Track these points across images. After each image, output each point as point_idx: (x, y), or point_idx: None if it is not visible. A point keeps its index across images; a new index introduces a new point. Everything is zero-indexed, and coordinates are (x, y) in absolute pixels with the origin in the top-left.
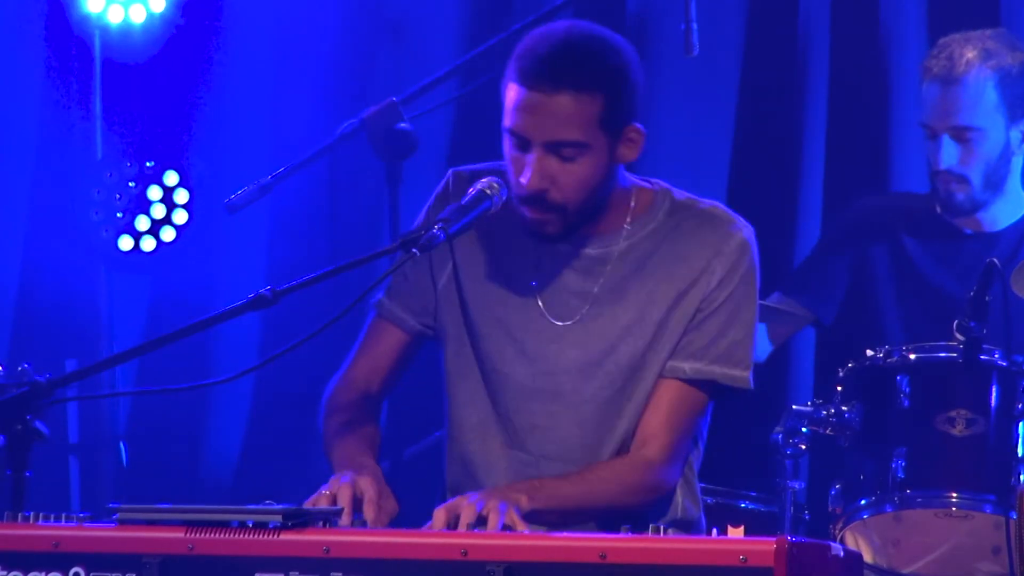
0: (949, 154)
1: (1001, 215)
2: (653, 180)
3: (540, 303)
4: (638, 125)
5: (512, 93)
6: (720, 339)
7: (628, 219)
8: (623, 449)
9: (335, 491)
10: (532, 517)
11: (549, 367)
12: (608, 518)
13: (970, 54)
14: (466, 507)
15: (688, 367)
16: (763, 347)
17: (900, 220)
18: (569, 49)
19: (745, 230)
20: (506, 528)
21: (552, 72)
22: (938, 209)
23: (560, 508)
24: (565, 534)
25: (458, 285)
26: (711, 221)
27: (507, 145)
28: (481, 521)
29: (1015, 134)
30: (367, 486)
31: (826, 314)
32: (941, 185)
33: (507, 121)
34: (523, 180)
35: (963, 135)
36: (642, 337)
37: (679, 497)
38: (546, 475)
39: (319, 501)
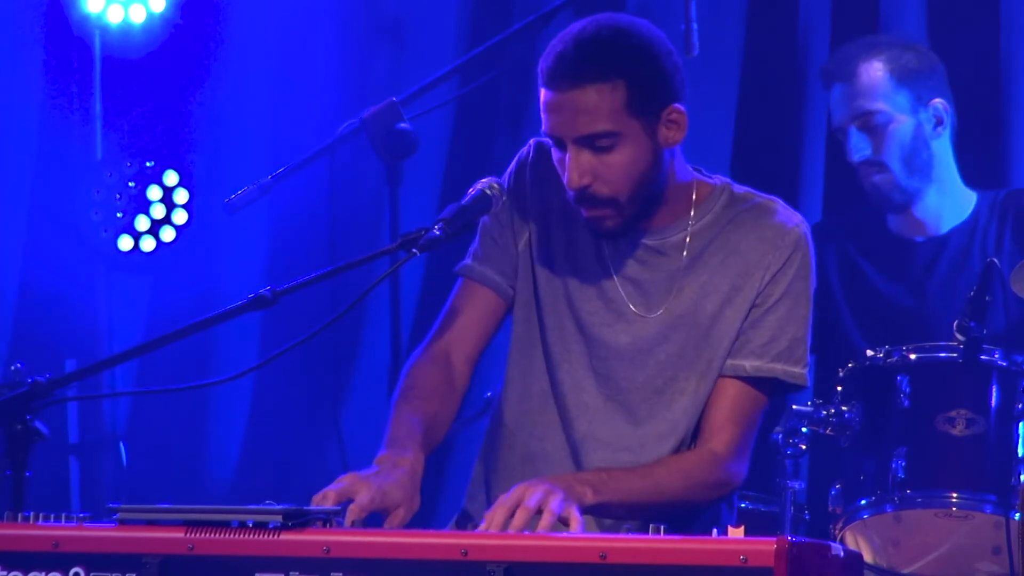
0: (860, 145)
1: (943, 212)
2: (715, 175)
3: (600, 287)
4: (678, 106)
5: (542, 97)
6: (780, 336)
7: (688, 212)
8: (674, 442)
9: (326, 493)
10: (597, 510)
11: (603, 351)
12: (676, 514)
13: (860, 51)
14: (523, 508)
15: (749, 365)
16: None
17: (849, 238)
18: (582, 43)
19: (802, 225)
20: (562, 522)
21: (568, 68)
22: (878, 211)
23: (627, 502)
24: (565, 534)
25: (532, 255)
26: (767, 214)
27: (552, 150)
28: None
29: (925, 116)
30: (362, 491)
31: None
32: (864, 179)
33: (543, 126)
34: (565, 180)
35: (868, 122)
36: (695, 329)
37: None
38: (592, 457)
39: (326, 497)
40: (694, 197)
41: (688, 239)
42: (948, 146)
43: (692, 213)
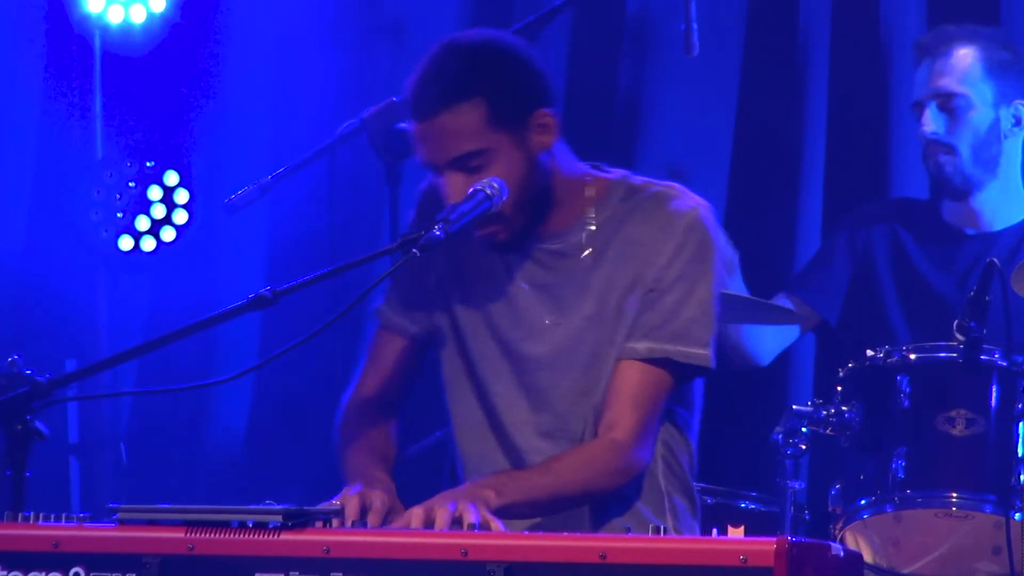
0: (935, 121)
1: (1000, 211)
2: (613, 169)
3: (514, 301)
4: (546, 110)
5: (412, 128)
6: (674, 318)
7: (585, 210)
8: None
9: (343, 502)
10: (505, 512)
11: (526, 364)
12: (581, 505)
13: (957, 34)
14: (441, 512)
15: (642, 347)
16: (770, 348)
17: (901, 223)
18: (435, 68)
19: (698, 208)
20: (482, 527)
21: (424, 98)
22: (934, 203)
23: (531, 500)
24: (565, 534)
25: (445, 288)
26: (660, 202)
27: (435, 179)
28: (456, 521)
29: (1005, 113)
30: (375, 497)
31: (830, 313)
32: (930, 158)
33: (418, 156)
34: (447, 204)
35: (948, 103)
36: (608, 325)
37: (670, 500)
38: None
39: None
40: (589, 195)
41: (588, 237)
42: (1020, 148)
43: (590, 211)
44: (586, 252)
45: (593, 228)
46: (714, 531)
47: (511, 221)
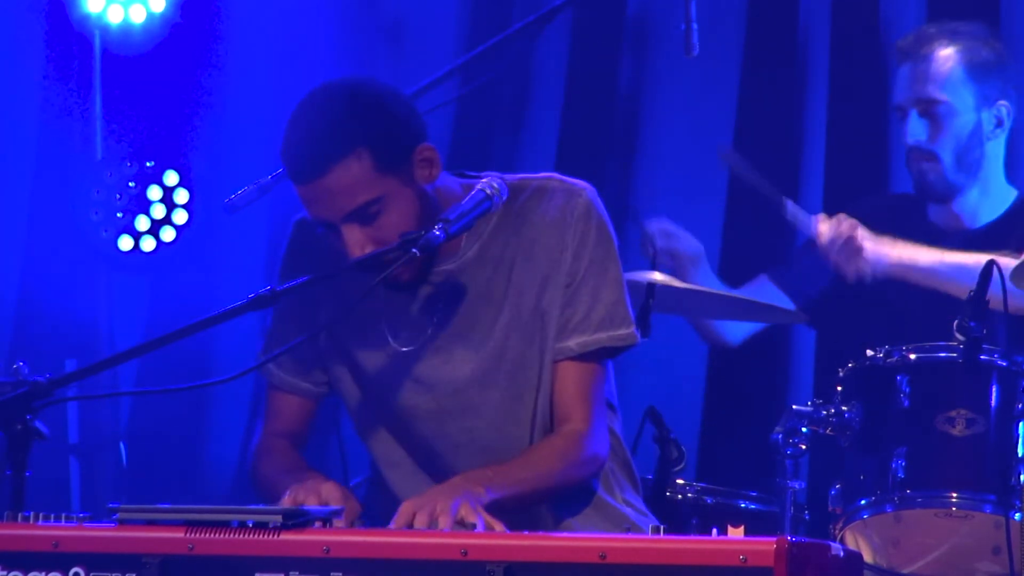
0: (917, 129)
1: (981, 208)
2: (485, 174)
3: (423, 331)
4: (425, 144)
5: (297, 191)
6: (596, 305)
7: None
8: (540, 436)
9: (293, 496)
10: (493, 507)
11: (448, 389)
12: (560, 498)
13: (937, 35)
14: (444, 514)
15: (574, 343)
16: (740, 328)
17: (886, 221)
18: (307, 129)
19: (586, 192)
20: (459, 524)
21: (305, 160)
22: (921, 201)
23: (518, 494)
24: (565, 534)
25: (338, 338)
26: (548, 195)
27: (326, 233)
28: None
29: (987, 116)
30: (330, 490)
31: (806, 304)
32: (912, 164)
33: (309, 216)
34: (351, 256)
35: (930, 109)
36: (526, 329)
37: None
38: None
39: (303, 498)
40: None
41: (481, 247)
42: (1001, 146)
43: (476, 223)
44: (481, 263)
45: (483, 238)
46: (714, 531)
47: (418, 259)
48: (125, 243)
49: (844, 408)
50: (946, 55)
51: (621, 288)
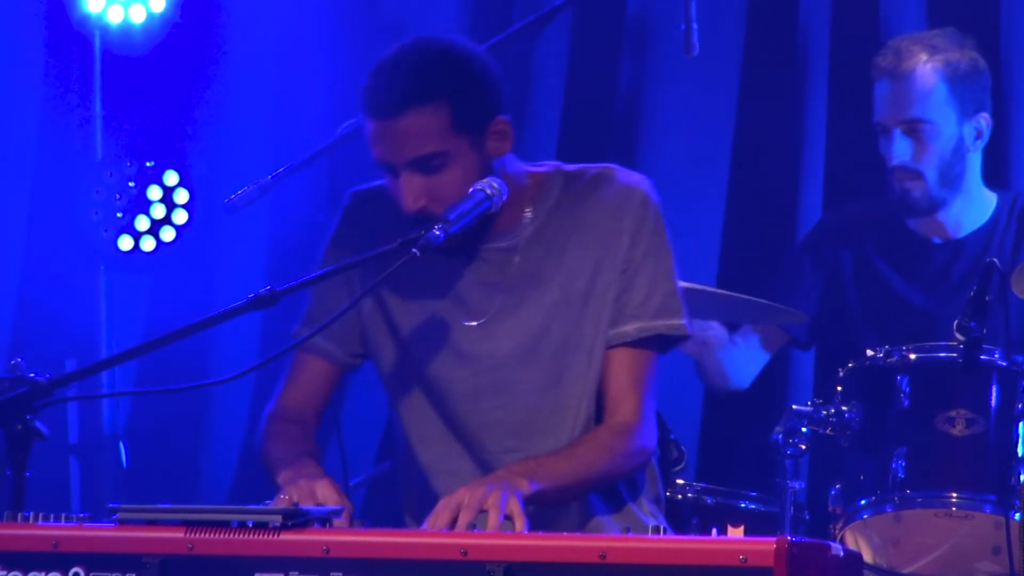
0: (902, 149)
1: (964, 218)
2: (544, 162)
3: (464, 306)
4: (504, 117)
5: (367, 127)
6: (654, 292)
7: (527, 205)
8: (582, 426)
9: (295, 499)
10: (536, 499)
11: (487, 364)
12: (601, 490)
13: (918, 50)
14: (466, 507)
15: (632, 328)
16: (749, 371)
17: (867, 233)
18: (398, 70)
19: (643, 182)
20: (507, 520)
21: (387, 98)
22: (899, 213)
23: (561, 486)
24: (565, 534)
25: (384, 306)
26: (606, 182)
27: (385, 177)
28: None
29: (968, 129)
30: (326, 488)
31: (798, 330)
32: (896, 183)
33: (373, 155)
34: (401, 205)
35: (914, 128)
36: (572, 311)
37: (645, 490)
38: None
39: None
40: (529, 190)
41: (536, 229)
42: (979, 156)
43: (530, 206)
44: (538, 245)
45: (539, 220)
46: (714, 531)
47: (445, 241)
48: (125, 243)
49: (844, 408)
50: (927, 72)
51: (675, 279)
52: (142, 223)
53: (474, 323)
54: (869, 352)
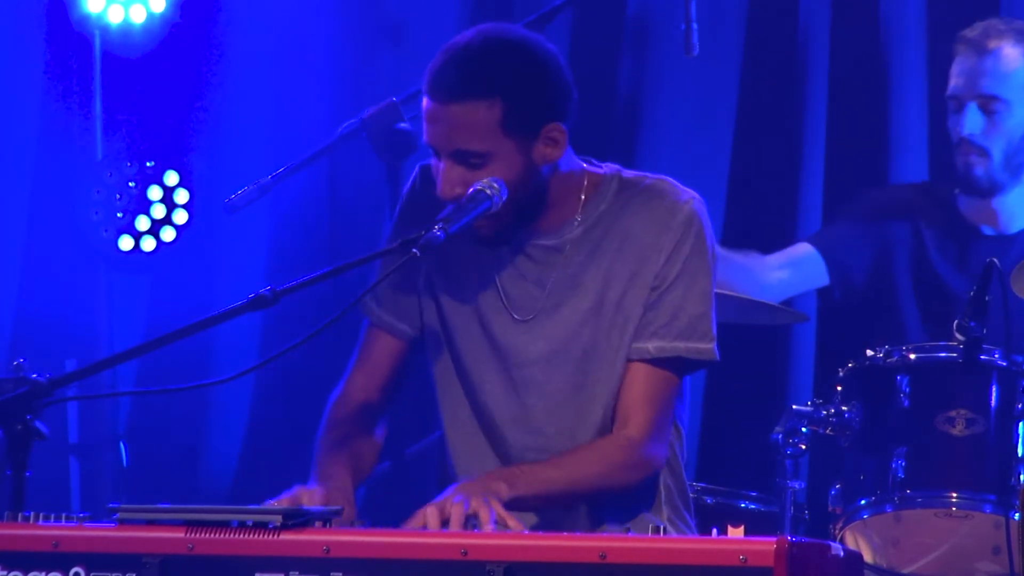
0: (973, 122)
1: (1018, 213)
2: (606, 164)
3: (504, 299)
4: (561, 124)
5: (423, 102)
6: (680, 314)
7: (579, 206)
8: (600, 431)
9: (284, 499)
10: (517, 505)
11: (519, 360)
12: (596, 501)
13: (1006, 32)
14: (455, 508)
15: (652, 346)
16: (819, 276)
17: (923, 217)
18: (464, 56)
19: (693, 202)
20: (498, 523)
21: (445, 81)
22: (956, 191)
23: (544, 493)
24: (565, 534)
25: (433, 286)
26: (656, 196)
27: (431, 158)
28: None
29: None
30: (313, 499)
31: (840, 284)
32: (961, 156)
33: (423, 133)
34: (439, 189)
35: (989, 105)
36: (603, 320)
37: (661, 499)
38: None
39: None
40: (584, 191)
41: (584, 232)
42: None
43: (584, 206)
44: (581, 247)
45: (588, 223)
46: (714, 531)
47: (498, 219)
48: (125, 243)
49: (844, 408)
50: (1012, 53)
51: (709, 302)
52: (142, 223)
53: (514, 318)
54: (869, 352)
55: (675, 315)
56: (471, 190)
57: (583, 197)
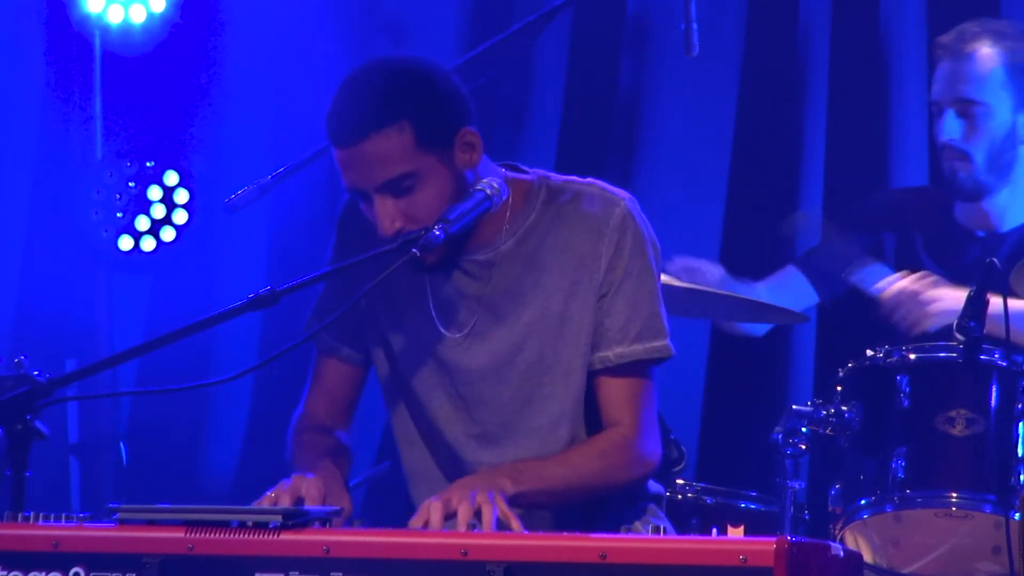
0: (951, 127)
1: (1010, 210)
2: (532, 169)
3: (444, 317)
4: (469, 128)
5: (335, 156)
6: (634, 317)
7: (507, 216)
8: (559, 445)
9: (277, 495)
10: (520, 501)
11: (464, 377)
12: (596, 499)
13: (982, 35)
14: (462, 506)
15: (612, 354)
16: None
17: (914, 225)
18: (355, 95)
19: (625, 202)
20: (501, 520)
21: (347, 125)
22: (947, 197)
23: (546, 489)
24: (565, 534)
25: (374, 312)
26: (587, 201)
27: (359, 204)
28: (475, 513)
29: (1022, 120)
30: (310, 487)
31: (830, 301)
32: (945, 162)
33: (343, 183)
34: (380, 230)
35: (967, 109)
36: (547, 332)
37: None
38: None
39: (263, 504)
40: (510, 200)
41: (516, 243)
42: None
43: (510, 217)
44: (513, 259)
45: (519, 234)
46: (714, 531)
47: (445, 245)
48: (125, 243)
49: (844, 408)
50: (987, 55)
51: (657, 299)
52: (142, 223)
53: (455, 335)
54: (869, 352)
55: (629, 318)
56: (471, 191)
57: (509, 207)
